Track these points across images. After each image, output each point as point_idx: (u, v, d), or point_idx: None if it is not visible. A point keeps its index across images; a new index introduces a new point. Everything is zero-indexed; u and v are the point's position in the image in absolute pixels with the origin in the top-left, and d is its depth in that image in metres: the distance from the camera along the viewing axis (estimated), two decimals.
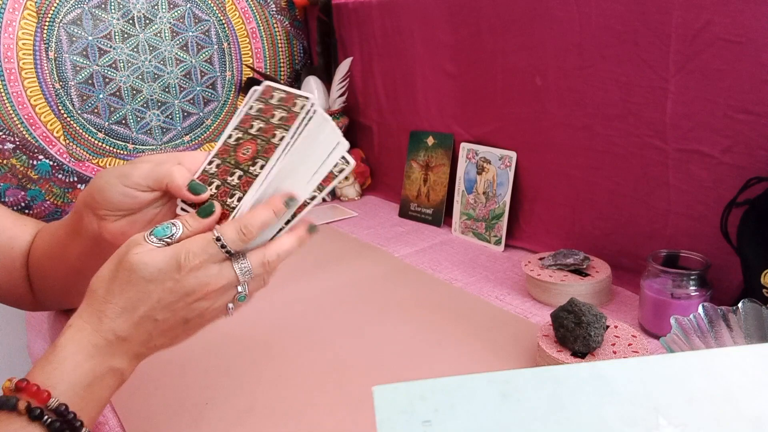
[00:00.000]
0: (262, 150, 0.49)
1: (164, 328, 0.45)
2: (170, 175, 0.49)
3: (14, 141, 1.11)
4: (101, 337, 0.43)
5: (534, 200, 0.96)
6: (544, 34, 0.86)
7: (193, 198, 0.49)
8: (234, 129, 0.52)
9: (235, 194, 0.48)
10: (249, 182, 0.48)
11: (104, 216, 0.50)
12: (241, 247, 0.46)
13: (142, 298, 0.43)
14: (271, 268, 0.48)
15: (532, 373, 0.31)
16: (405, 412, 0.29)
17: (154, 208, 0.51)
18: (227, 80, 1.33)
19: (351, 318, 0.77)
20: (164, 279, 0.43)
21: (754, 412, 0.29)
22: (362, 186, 1.35)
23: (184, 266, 0.43)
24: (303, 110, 0.48)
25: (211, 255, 0.44)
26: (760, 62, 0.63)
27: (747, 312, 0.56)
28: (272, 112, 0.51)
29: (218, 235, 0.45)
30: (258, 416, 0.57)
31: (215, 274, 0.45)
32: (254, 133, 0.51)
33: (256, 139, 0.50)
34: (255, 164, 0.49)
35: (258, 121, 0.51)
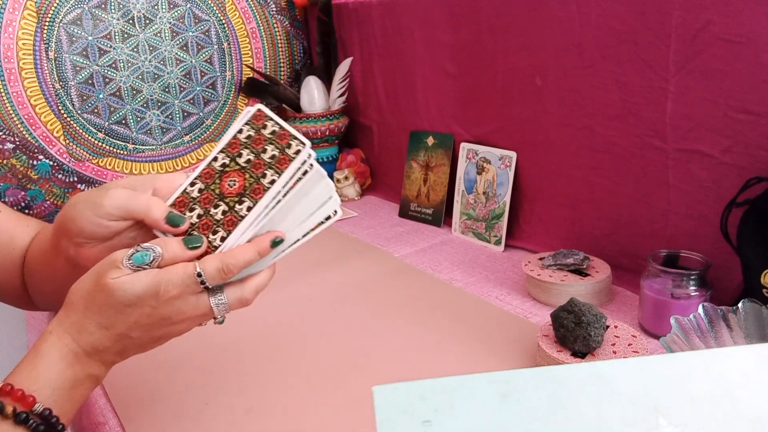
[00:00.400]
0: (250, 188, 0.48)
1: (139, 343, 0.46)
2: (146, 208, 0.48)
3: (14, 141, 1.11)
4: (80, 347, 0.44)
5: (534, 200, 0.96)
6: (544, 34, 0.86)
7: (172, 231, 0.48)
8: (220, 152, 0.50)
9: (219, 232, 0.47)
10: (234, 222, 0.47)
11: (80, 243, 0.49)
12: (219, 283, 0.46)
13: (120, 319, 0.44)
14: (247, 303, 0.48)
15: (532, 373, 0.31)
16: (405, 412, 0.29)
17: (130, 232, 0.50)
18: (227, 80, 1.33)
19: (351, 318, 0.77)
20: (142, 305, 0.44)
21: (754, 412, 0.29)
22: (362, 186, 1.35)
23: (162, 295, 0.44)
24: (298, 158, 0.47)
25: (189, 287, 0.45)
26: (760, 62, 0.63)
27: (747, 312, 0.56)
28: (263, 146, 0.49)
29: (199, 271, 0.45)
30: (258, 416, 0.57)
31: (192, 304, 0.46)
32: (242, 164, 0.49)
33: (245, 172, 0.49)
34: (242, 203, 0.47)
35: (247, 150, 0.50)
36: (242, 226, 0.47)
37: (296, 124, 1.31)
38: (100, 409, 0.61)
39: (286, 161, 0.47)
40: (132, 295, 0.43)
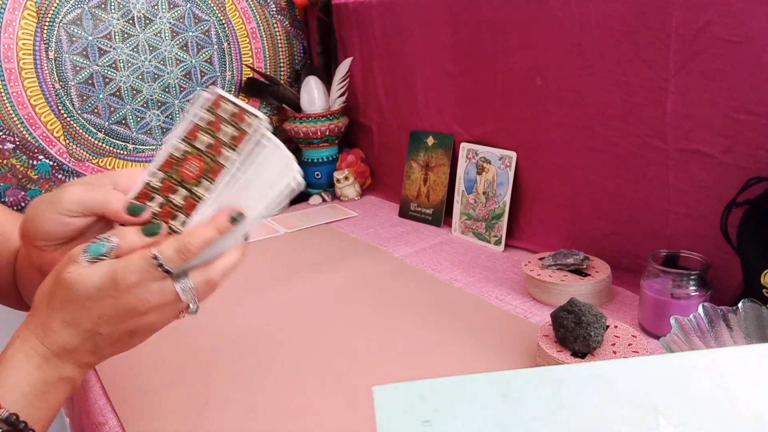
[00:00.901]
0: (209, 169, 0.47)
1: (110, 340, 0.44)
2: (105, 201, 0.46)
3: (14, 141, 1.11)
4: (48, 349, 0.43)
5: (534, 200, 0.96)
6: (544, 34, 0.86)
7: (133, 221, 0.46)
8: (179, 140, 0.49)
9: (179, 216, 0.46)
10: (193, 205, 0.46)
11: (42, 247, 0.47)
12: (181, 267, 0.44)
13: (84, 313, 0.43)
14: (215, 285, 0.46)
15: (532, 373, 0.31)
16: (405, 412, 0.29)
17: (92, 233, 0.48)
18: (227, 80, 1.33)
19: (351, 318, 0.77)
20: (103, 296, 0.42)
21: (754, 412, 0.29)
22: (362, 186, 1.35)
23: (121, 284, 0.42)
24: (254, 133, 0.47)
25: (149, 272, 0.43)
26: (760, 62, 0.63)
27: (747, 312, 0.56)
28: (220, 127, 0.48)
29: (155, 254, 0.43)
30: (258, 416, 0.57)
31: (156, 291, 0.44)
32: (201, 149, 0.48)
33: (203, 156, 0.48)
34: (200, 185, 0.47)
35: (205, 134, 0.49)
36: (201, 206, 0.46)
37: (296, 124, 1.31)
38: (100, 409, 0.61)
39: (242, 138, 0.47)
40: (90, 286, 0.42)
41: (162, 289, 0.44)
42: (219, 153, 0.47)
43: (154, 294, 0.43)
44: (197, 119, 0.48)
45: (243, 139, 0.47)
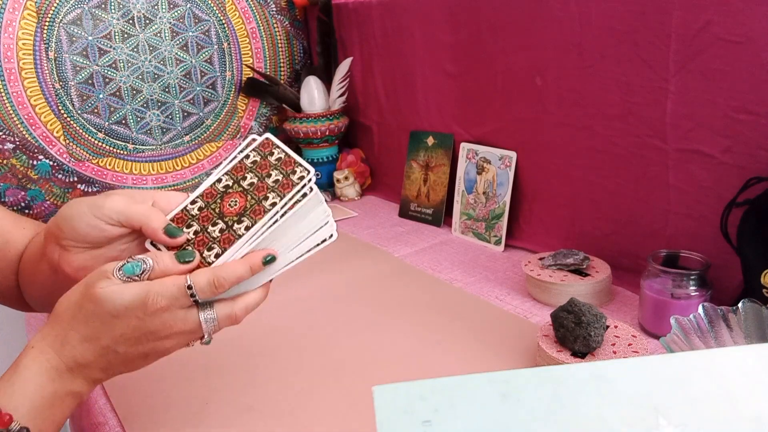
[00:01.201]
0: (251, 209, 0.48)
1: (124, 359, 0.45)
2: (146, 217, 0.47)
3: (14, 141, 1.11)
4: (63, 362, 0.43)
5: (534, 200, 0.96)
6: (544, 34, 0.86)
7: (169, 242, 0.47)
8: (225, 174, 0.51)
9: (214, 248, 0.47)
10: (230, 240, 0.47)
11: (67, 246, 0.48)
12: (210, 298, 0.46)
13: (106, 330, 0.43)
14: (237, 321, 0.48)
15: (532, 373, 0.31)
16: (405, 412, 0.29)
17: (120, 244, 0.49)
18: (227, 80, 1.33)
19: (351, 318, 0.77)
20: (129, 316, 0.43)
21: (754, 412, 0.29)
22: (362, 186, 1.35)
23: (150, 307, 0.43)
24: (300, 183, 0.48)
25: (179, 300, 0.44)
26: (760, 62, 0.63)
27: (747, 312, 0.56)
28: (269, 171, 0.50)
29: (190, 284, 0.44)
30: (258, 416, 0.57)
31: (180, 319, 0.45)
32: (245, 187, 0.50)
33: (247, 194, 0.49)
34: (240, 222, 0.48)
35: (252, 174, 0.50)
36: (238, 244, 0.47)
37: (296, 124, 1.31)
38: (100, 409, 0.61)
39: (289, 186, 0.48)
40: (120, 304, 0.43)
41: (186, 317, 0.45)
42: (264, 195, 0.49)
43: (178, 321, 0.45)
44: (246, 158, 0.50)
45: (289, 187, 0.48)
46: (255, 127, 1.39)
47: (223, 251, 0.47)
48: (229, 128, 1.36)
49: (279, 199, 0.48)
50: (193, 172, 1.33)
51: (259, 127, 1.39)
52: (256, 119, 1.39)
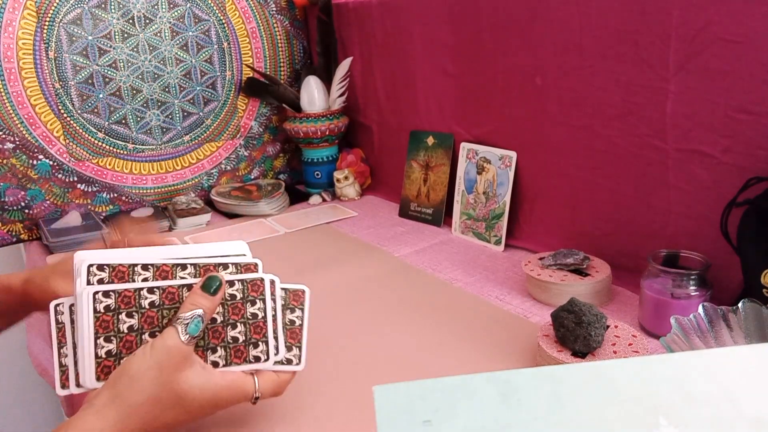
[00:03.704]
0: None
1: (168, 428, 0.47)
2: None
3: (14, 141, 1.11)
4: None
5: (534, 200, 0.96)
6: (544, 34, 0.86)
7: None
8: (192, 264, 0.52)
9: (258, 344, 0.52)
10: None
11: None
12: None
13: (178, 416, 0.46)
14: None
15: (532, 373, 0.31)
16: (405, 412, 0.29)
17: None
18: (227, 80, 1.33)
19: (351, 318, 0.77)
20: (198, 410, 0.47)
21: (754, 412, 0.29)
22: (362, 186, 1.35)
23: (219, 405, 0.48)
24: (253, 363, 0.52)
25: (242, 402, 0.50)
26: (760, 62, 0.63)
27: (747, 312, 0.56)
28: (236, 321, 0.52)
29: (257, 396, 0.50)
30: (258, 415, 0.57)
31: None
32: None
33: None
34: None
35: (221, 308, 0.52)
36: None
37: (296, 123, 1.31)
38: None
39: (241, 357, 0.52)
40: (197, 404, 0.46)
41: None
42: (214, 346, 0.51)
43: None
44: (230, 284, 0.52)
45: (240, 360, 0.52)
46: (255, 126, 1.39)
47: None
48: (229, 128, 1.36)
49: (223, 363, 0.51)
50: (193, 172, 1.33)
51: (259, 126, 1.39)
52: (256, 119, 1.39)
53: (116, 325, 0.48)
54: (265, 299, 0.53)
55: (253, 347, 0.52)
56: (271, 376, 0.52)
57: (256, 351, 0.52)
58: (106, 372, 0.47)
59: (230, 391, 0.48)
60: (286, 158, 1.46)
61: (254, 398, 0.50)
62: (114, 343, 0.48)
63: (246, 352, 0.52)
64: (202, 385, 0.46)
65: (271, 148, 1.43)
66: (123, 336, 0.48)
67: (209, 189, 1.34)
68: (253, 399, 0.50)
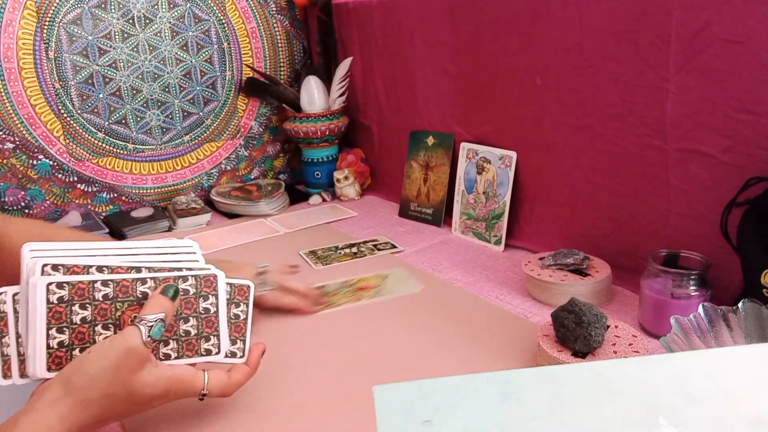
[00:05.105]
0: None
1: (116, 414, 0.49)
2: None
3: (14, 141, 1.11)
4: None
5: (534, 200, 0.96)
6: (544, 34, 0.86)
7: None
8: (151, 276, 0.53)
9: (209, 338, 0.54)
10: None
11: None
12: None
13: (121, 407, 0.48)
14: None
15: (532, 373, 0.31)
16: (405, 412, 0.29)
17: None
18: (227, 80, 1.33)
19: (351, 318, 0.77)
20: (147, 401, 0.49)
21: (754, 412, 0.29)
22: (362, 186, 1.35)
23: (168, 396, 0.50)
24: (206, 355, 0.54)
25: (191, 396, 0.52)
26: (760, 62, 0.63)
27: (747, 312, 0.56)
28: (188, 315, 0.53)
29: (205, 393, 0.52)
30: (258, 416, 0.57)
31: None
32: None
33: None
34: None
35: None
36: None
37: (296, 123, 1.31)
38: None
39: (193, 351, 0.53)
40: (148, 396, 0.48)
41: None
42: (165, 340, 0.53)
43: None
44: (183, 280, 0.53)
45: (192, 353, 0.54)
46: (255, 126, 1.39)
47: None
48: (229, 128, 1.36)
49: (174, 355, 0.52)
50: (193, 172, 1.33)
51: (259, 126, 1.39)
52: (256, 119, 1.39)
53: (69, 316, 0.48)
54: (218, 294, 0.54)
55: (205, 341, 0.53)
56: (222, 376, 0.53)
57: (207, 344, 0.54)
58: (57, 363, 0.48)
59: (180, 384, 0.50)
60: (286, 158, 1.46)
61: (201, 394, 0.51)
62: (66, 334, 0.48)
63: (197, 345, 0.53)
64: (154, 383, 0.48)
65: (271, 148, 1.43)
66: (75, 327, 0.48)
67: (209, 189, 1.34)
68: (200, 395, 0.51)
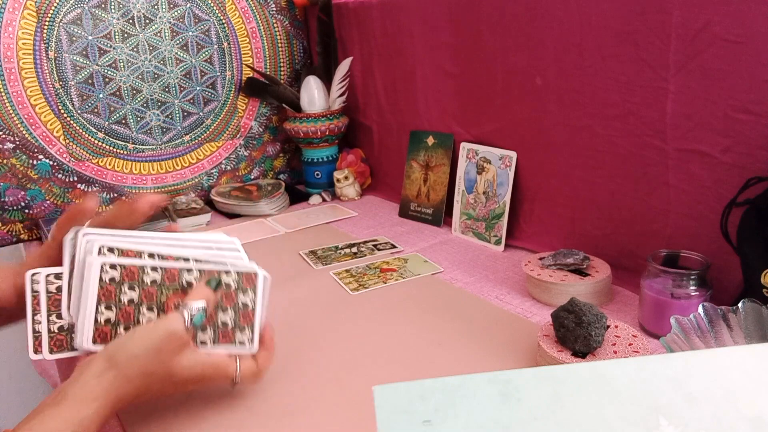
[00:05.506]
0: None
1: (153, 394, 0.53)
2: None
3: (14, 141, 1.11)
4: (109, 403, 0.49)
5: (534, 200, 0.96)
6: (544, 34, 0.86)
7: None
8: (199, 269, 0.56)
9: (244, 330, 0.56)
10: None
11: None
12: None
13: (158, 387, 0.51)
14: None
15: (532, 373, 0.31)
16: (405, 412, 0.29)
17: None
18: (227, 80, 1.33)
19: (351, 318, 0.77)
20: (183, 382, 0.52)
21: (754, 412, 0.29)
22: (362, 186, 1.35)
23: (204, 381, 0.54)
24: (239, 347, 0.57)
25: (224, 382, 0.56)
26: (760, 62, 0.63)
27: (747, 312, 0.56)
28: (227, 306, 0.56)
29: (237, 381, 0.55)
30: (259, 416, 0.57)
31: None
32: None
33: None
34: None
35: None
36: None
37: (296, 123, 1.31)
38: None
39: (228, 339, 0.56)
40: (185, 378, 0.52)
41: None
42: (206, 327, 0.56)
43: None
44: (226, 274, 0.57)
45: (228, 340, 0.57)
46: (255, 126, 1.39)
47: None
48: (229, 128, 1.36)
49: (210, 343, 0.55)
50: (193, 172, 1.33)
51: (259, 126, 1.39)
52: (256, 119, 1.39)
53: (118, 295, 0.52)
54: (257, 290, 0.58)
55: (240, 332, 0.56)
56: (251, 363, 0.56)
57: (242, 336, 0.56)
58: (102, 337, 0.51)
59: (215, 370, 0.53)
60: (286, 158, 1.46)
61: (233, 381, 0.55)
62: (114, 311, 0.52)
63: (232, 336, 0.56)
64: (191, 367, 0.52)
65: (271, 148, 1.43)
66: (123, 307, 0.52)
67: (209, 189, 1.34)
68: (232, 382, 0.55)
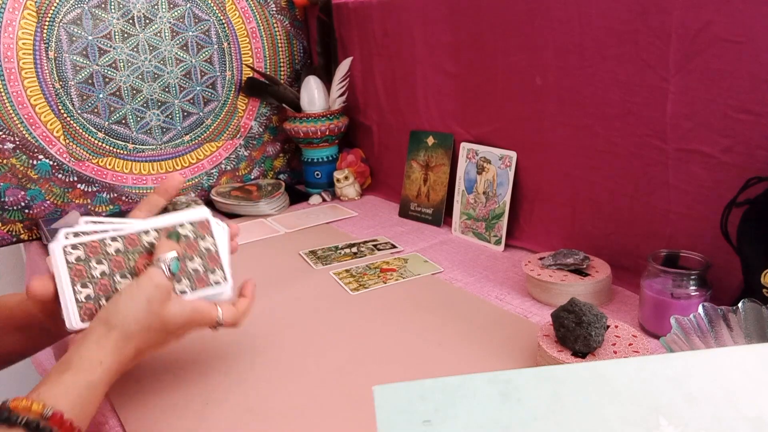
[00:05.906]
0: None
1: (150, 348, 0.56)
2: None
3: (14, 141, 1.11)
4: (114, 369, 0.52)
5: (534, 200, 0.96)
6: (544, 34, 0.86)
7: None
8: (155, 230, 0.59)
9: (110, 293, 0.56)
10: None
11: None
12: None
13: (154, 339, 0.55)
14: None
15: (532, 373, 0.31)
16: (405, 412, 0.29)
17: None
18: (227, 80, 1.33)
19: (351, 318, 0.77)
20: (175, 330, 0.56)
21: (754, 412, 0.29)
22: (362, 186, 1.35)
23: (191, 325, 0.57)
24: (214, 287, 0.61)
25: (209, 325, 0.59)
26: (760, 62, 0.63)
27: (747, 312, 0.56)
28: (192, 254, 0.60)
29: (221, 321, 0.59)
30: (258, 416, 0.57)
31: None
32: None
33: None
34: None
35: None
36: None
37: (296, 123, 1.31)
38: (100, 409, 0.61)
39: (203, 283, 0.59)
40: (175, 325, 0.55)
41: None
42: (177, 278, 0.58)
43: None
44: (181, 226, 0.60)
45: (203, 284, 0.60)
46: (255, 126, 1.39)
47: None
48: (229, 128, 1.36)
49: (189, 290, 0.58)
50: (193, 172, 1.33)
51: (259, 126, 1.39)
52: (256, 119, 1.39)
53: (89, 272, 0.55)
54: (213, 233, 0.62)
55: (212, 273, 0.60)
56: (230, 307, 0.60)
57: (214, 276, 0.60)
58: (88, 313, 0.54)
59: (200, 314, 0.57)
60: (286, 158, 1.46)
61: (216, 323, 0.58)
62: (90, 288, 0.54)
63: (207, 278, 0.60)
64: (180, 312, 0.55)
65: (271, 148, 1.43)
66: (97, 281, 0.55)
67: (209, 189, 1.34)
68: (215, 324, 0.58)
